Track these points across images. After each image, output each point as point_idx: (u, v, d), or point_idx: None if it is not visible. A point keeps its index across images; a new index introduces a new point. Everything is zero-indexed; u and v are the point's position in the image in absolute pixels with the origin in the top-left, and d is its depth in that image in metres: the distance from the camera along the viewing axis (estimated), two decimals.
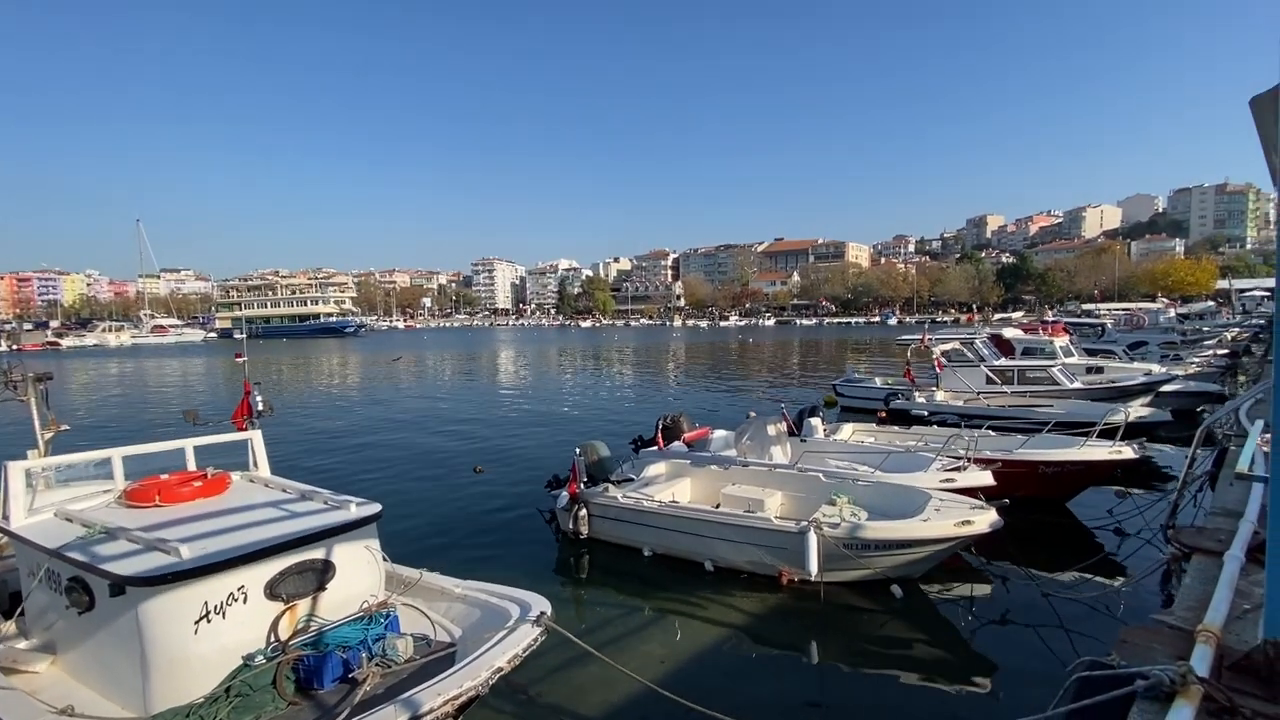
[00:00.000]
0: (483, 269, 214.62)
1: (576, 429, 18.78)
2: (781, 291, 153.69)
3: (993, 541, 7.66)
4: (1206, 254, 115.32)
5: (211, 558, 4.11)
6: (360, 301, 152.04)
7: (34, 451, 6.21)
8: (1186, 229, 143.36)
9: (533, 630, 4.43)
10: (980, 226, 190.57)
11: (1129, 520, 9.29)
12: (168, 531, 4.44)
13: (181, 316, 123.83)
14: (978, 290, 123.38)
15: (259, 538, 4.43)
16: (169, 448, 5.92)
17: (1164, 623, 3.30)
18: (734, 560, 8.10)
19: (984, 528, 7.27)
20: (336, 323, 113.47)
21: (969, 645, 6.65)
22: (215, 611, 4.18)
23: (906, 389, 17.79)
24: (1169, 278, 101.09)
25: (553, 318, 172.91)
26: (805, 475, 9.46)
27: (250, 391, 6.33)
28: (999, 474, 9.23)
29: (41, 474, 5.69)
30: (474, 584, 5.44)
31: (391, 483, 13.19)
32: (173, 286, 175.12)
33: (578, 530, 8.95)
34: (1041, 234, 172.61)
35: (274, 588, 4.47)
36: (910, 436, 12.59)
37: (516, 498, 11.66)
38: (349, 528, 4.85)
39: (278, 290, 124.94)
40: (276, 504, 5.22)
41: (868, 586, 7.62)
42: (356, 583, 5.00)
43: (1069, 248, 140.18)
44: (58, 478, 5.97)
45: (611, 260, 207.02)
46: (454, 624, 5.15)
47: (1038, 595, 7.43)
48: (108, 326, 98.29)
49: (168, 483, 5.27)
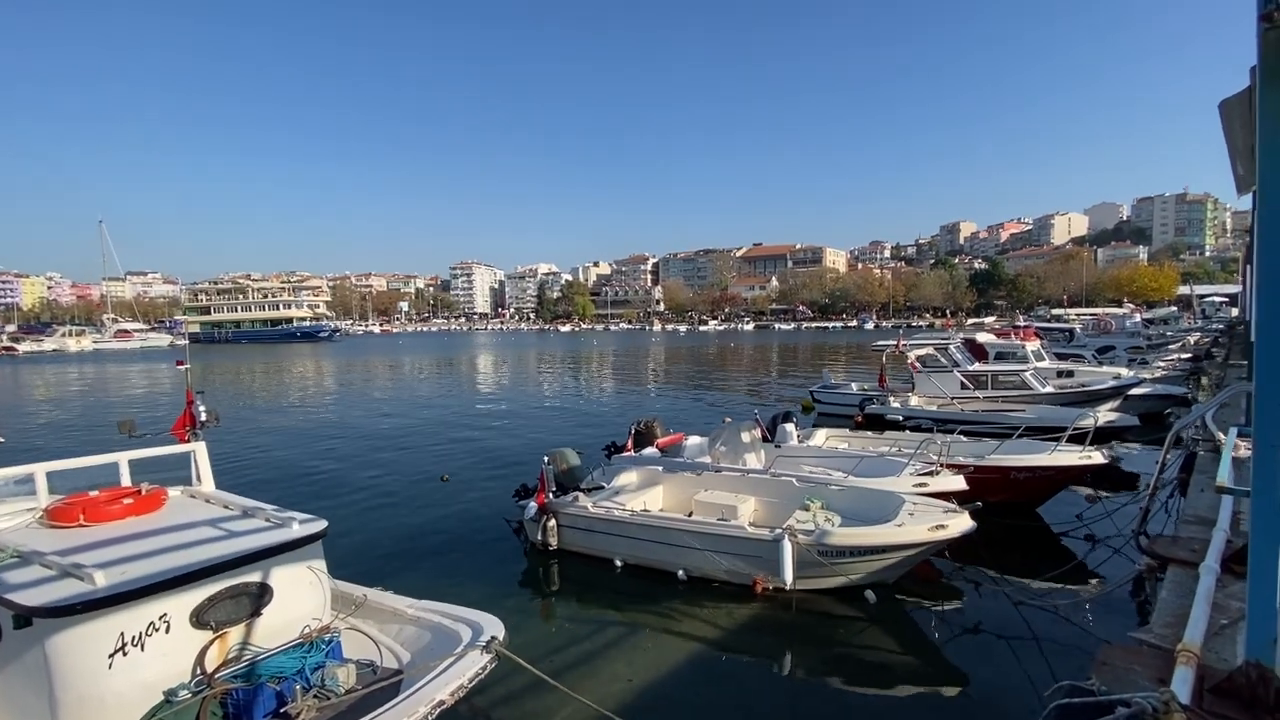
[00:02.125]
0: (461, 273, 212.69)
1: (550, 435, 18.48)
2: (760, 296, 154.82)
3: (965, 546, 7.60)
4: (1168, 260, 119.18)
5: (129, 584, 3.76)
6: (335, 305, 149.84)
7: None
8: (1149, 236, 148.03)
9: (481, 658, 4.16)
10: (954, 233, 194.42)
11: (1099, 525, 9.32)
12: (87, 555, 4.08)
13: (147, 321, 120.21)
14: (951, 295, 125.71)
15: (187, 561, 4.09)
16: (100, 462, 5.50)
17: (1143, 641, 3.18)
18: (707, 569, 7.90)
19: (957, 532, 7.25)
20: (310, 327, 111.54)
21: (942, 655, 6.55)
22: (133, 643, 3.84)
23: (881, 394, 17.83)
24: (1133, 283, 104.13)
25: (532, 322, 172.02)
26: (779, 481, 9.32)
27: (193, 400, 5.94)
28: (971, 479, 9.20)
29: None
30: (427, 604, 5.12)
31: (353, 493, 12.71)
32: (139, 290, 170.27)
33: (546, 541, 8.66)
34: (1012, 240, 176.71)
35: (201, 615, 4.14)
36: (884, 441, 12.54)
37: (484, 507, 11.28)
38: (289, 547, 4.52)
39: (249, 294, 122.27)
40: (214, 522, 4.85)
41: (841, 593, 7.49)
42: (296, 606, 4.66)
43: (1038, 254, 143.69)
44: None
45: (591, 264, 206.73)
46: (404, 648, 4.83)
47: (1007, 602, 7.36)
48: (68, 331, 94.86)
49: (95, 500, 4.87)
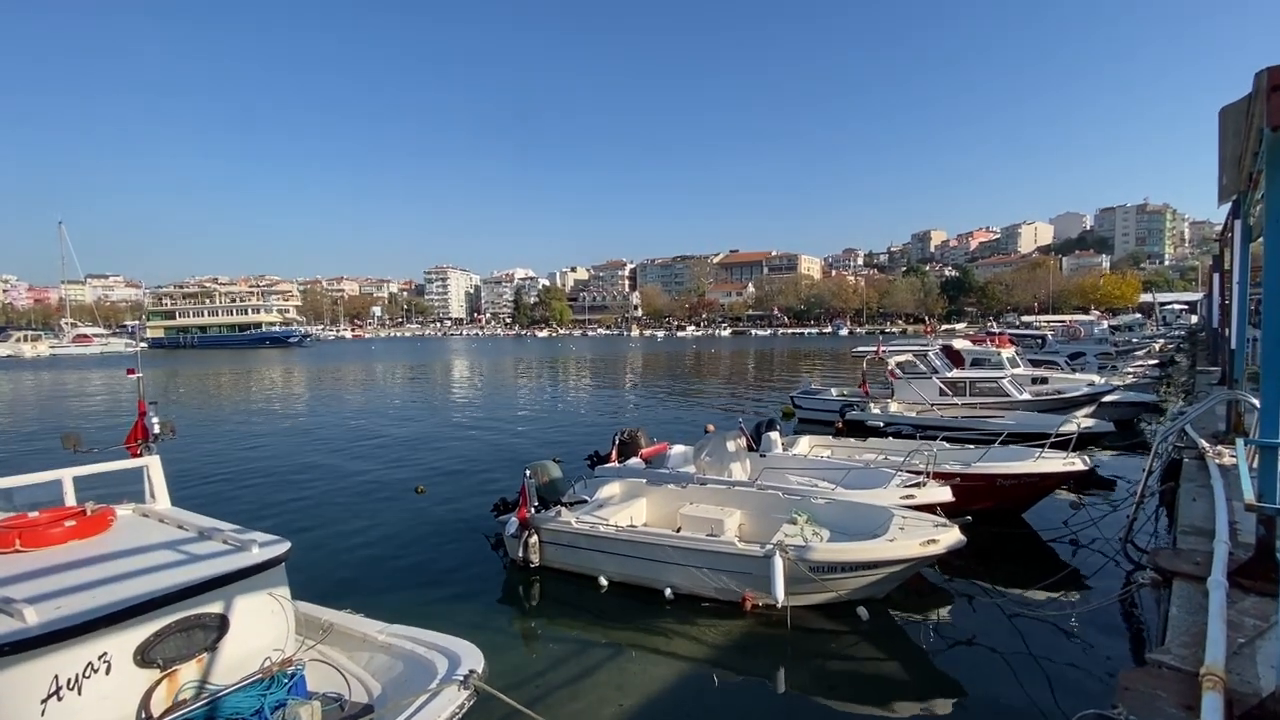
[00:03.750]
0: (436, 277, 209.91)
1: (529, 445, 18.09)
2: (737, 302, 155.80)
3: (954, 557, 7.52)
4: (1130, 269, 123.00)
5: (63, 622, 3.38)
6: (306, 310, 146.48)
7: None
8: (1111, 245, 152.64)
9: (459, 694, 3.85)
10: (925, 241, 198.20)
11: (1084, 531, 9.34)
12: (19, 587, 3.67)
13: (109, 325, 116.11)
14: (923, 302, 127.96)
15: (131, 592, 3.69)
16: (42, 480, 5.04)
17: (1163, 664, 3.04)
18: (695, 587, 7.67)
19: (947, 547, 7.14)
20: (279, 332, 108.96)
21: (938, 670, 6.40)
22: (69, 686, 3.46)
23: (862, 400, 17.85)
24: (1097, 291, 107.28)
25: (509, 328, 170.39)
26: (765, 493, 9.16)
27: (145, 412, 5.52)
28: (958, 488, 9.17)
29: None
30: (400, 629, 4.76)
31: (322, 506, 12.20)
32: (100, 293, 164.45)
33: (528, 558, 8.33)
34: (981, 249, 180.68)
35: (147, 652, 3.76)
36: (868, 450, 12.50)
37: (462, 522, 10.89)
38: (248, 573, 4.15)
39: (216, 298, 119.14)
40: (166, 545, 4.44)
41: (832, 609, 7.34)
42: (256, 638, 4.28)
43: (1006, 262, 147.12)
44: None
45: (568, 270, 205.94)
46: (374, 679, 4.47)
47: (1001, 614, 7.29)
48: (23, 336, 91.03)
49: (34, 523, 4.44)
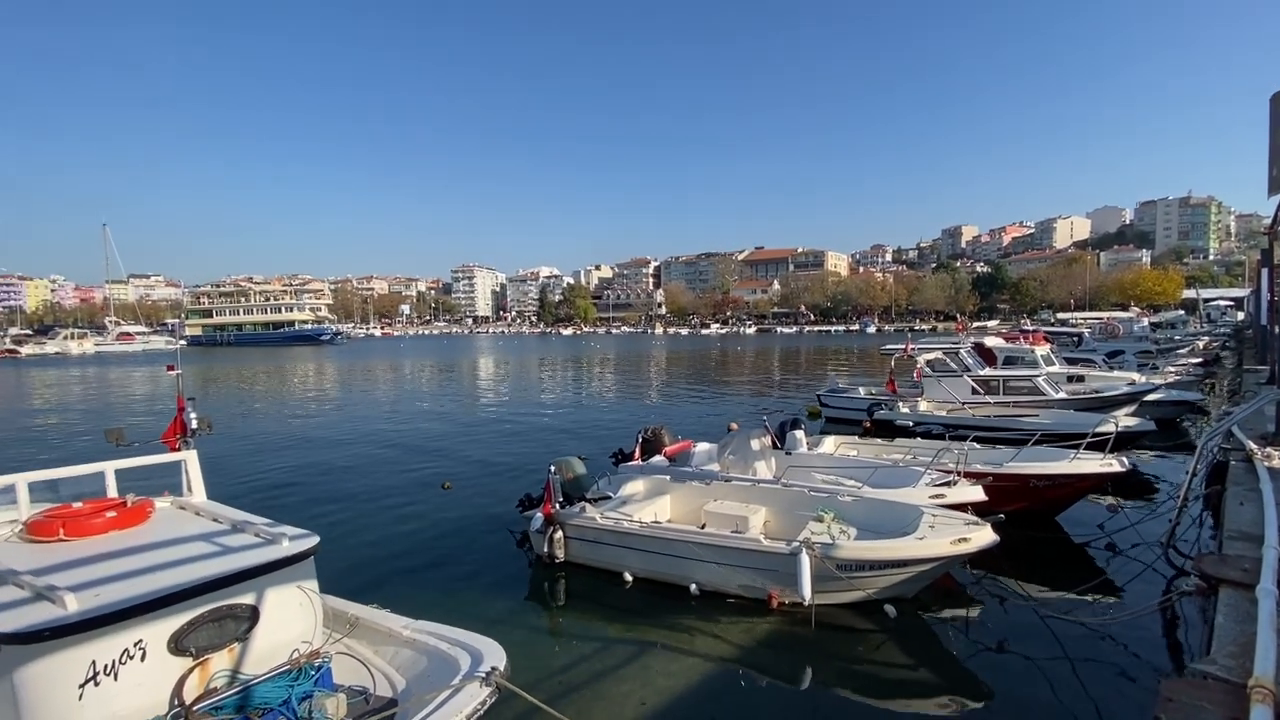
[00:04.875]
0: (463, 276, 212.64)
1: (554, 441, 18.21)
2: (762, 300, 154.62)
3: (986, 557, 7.36)
4: (1172, 264, 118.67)
5: (101, 610, 3.49)
6: (337, 309, 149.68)
7: None
8: (1152, 240, 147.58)
9: (480, 691, 3.87)
10: (955, 236, 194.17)
11: (1122, 535, 9.06)
12: (63, 575, 3.80)
13: (150, 323, 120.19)
14: (954, 299, 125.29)
15: (166, 582, 3.80)
16: (85, 471, 5.23)
17: (1208, 674, 2.93)
18: (720, 583, 7.66)
19: (979, 546, 6.98)
20: (311, 330, 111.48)
21: (969, 672, 6.27)
22: (105, 672, 3.56)
23: (890, 399, 17.54)
24: (1137, 287, 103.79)
25: (533, 325, 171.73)
26: (790, 491, 9.07)
27: (184, 407, 5.70)
28: (989, 488, 8.95)
29: None
30: (424, 625, 4.84)
31: (351, 501, 12.43)
32: (141, 293, 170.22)
33: (553, 554, 8.40)
34: (1014, 244, 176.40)
35: (180, 641, 3.86)
36: (896, 449, 12.29)
37: (487, 518, 11.01)
38: (277, 566, 4.24)
39: (251, 297, 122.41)
40: (202, 537, 4.58)
41: (860, 608, 7.25)
42: (285, 629, 4.37)
43: (1041, 258, 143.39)
44: None
45: (593, 268, 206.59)
46: (399, 673, 4.55)
47: (1034, 617, 7.11)
48: (70, 334, 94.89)
49: (77, 513, 4.59)
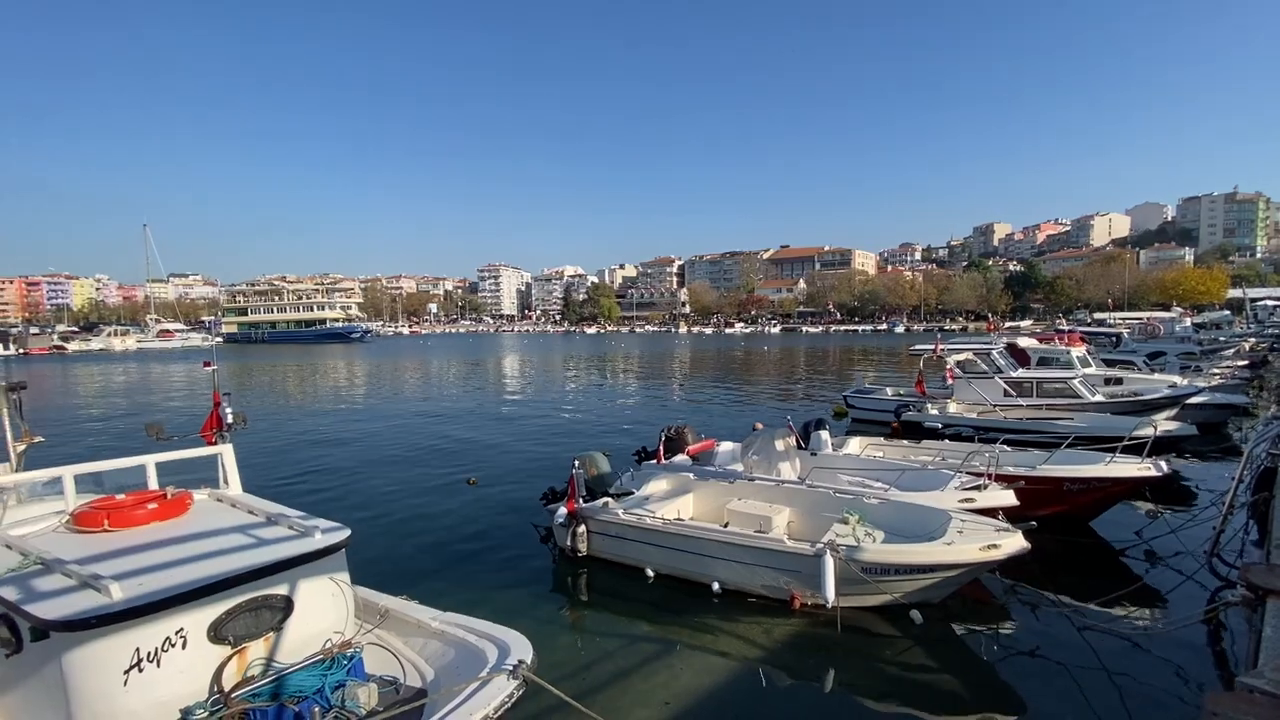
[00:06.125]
0: (489, 275, 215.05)
1: (577, 439, 18.30)
2: (787, 299, 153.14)
3: (1016, 564, 7.16)
4: (1216, 263, 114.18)
5: (146, 598, 3.59)
6: (366, 307, 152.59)
7: (5, 465, 5.87)
8: (1196, 237, 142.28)
9: (507, 684, 3.91)
10: (987, 234, 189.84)
11: (1161, 542, 8.77)
12: (107, 564, 3.94)
13: (188, 321, 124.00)
14: (985, 298, 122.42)
15: (206, 573, 3.91)
16: (127, 464, 5.41)
17: (1255, 688, 2.81)
18: (743, 583, 7.61)
19: (1010, 552, 6.79)
20: (342, 328, 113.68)
21: (998, 680, 6.13)
22: (148, 659, 3.67)
23: (919, 401, 17.21)
24: (1180, 286, 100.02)
25: (558, 324, 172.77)
26: (815, 491, 8.96)
27: (220, 403, 5.87)
28: (1021, 492, 8.71)
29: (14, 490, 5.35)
30: (452, 617, 4.92)
31: (378, 495, 12.68)
32: (180, 291, 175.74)
33: (576, 548, 8.46)
34: (1049, 242, 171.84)
35: (219, 629, 3.96)
36: (924, 451, 12.07)
37: (511, 512, 11.14)
38: (311, 558, 4.33)
39: (284, 295, 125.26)
40: (238, 529, 4.71)
41: (886, 611, 7.13)
42: (318, 619, 4.47)
43: (1077, 256, 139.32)
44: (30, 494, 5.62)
45: (617, 267, 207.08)
46: (428, 664, 4.63)
47: (1068, 626, 6.91)
48: (113, 331, 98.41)
49: (120, 504, 4.76)
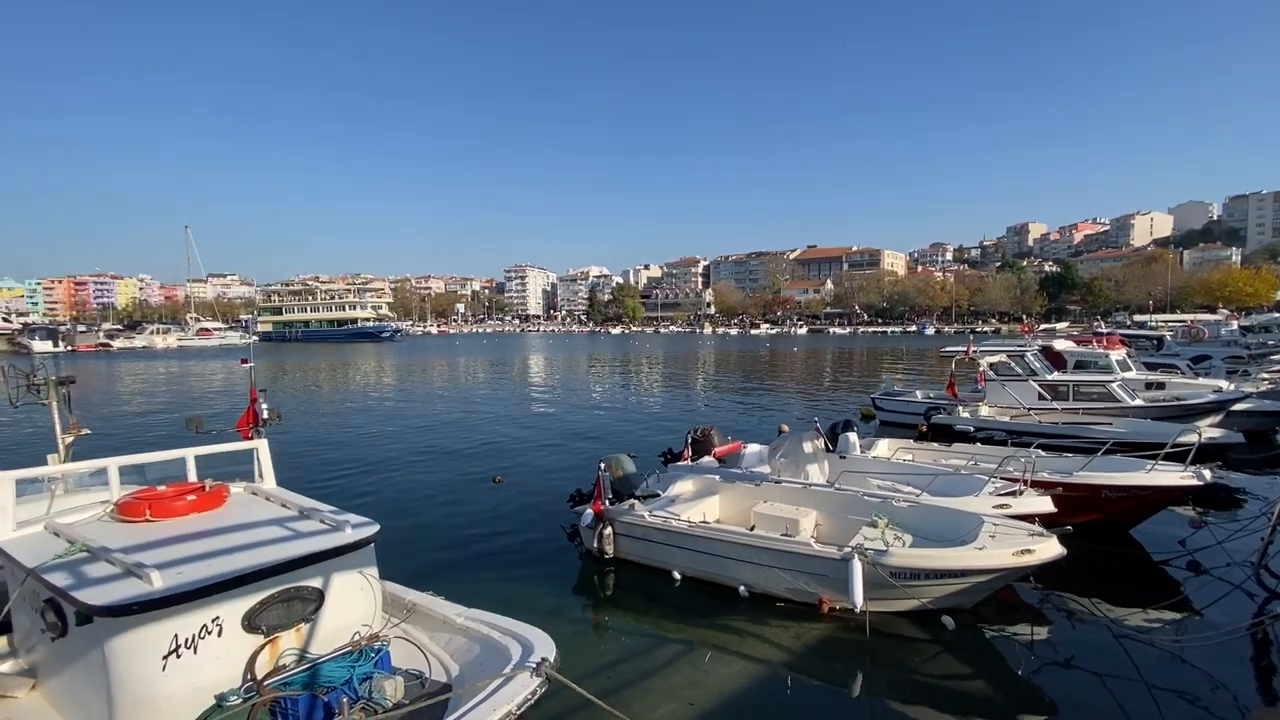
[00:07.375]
0: (515, 276, 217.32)
1: (603, 439, 18.38)
2: (814, 300, 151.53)
3: (1052, 572, 7.02)
4: (1265, 263, 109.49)
5: (184, 586, 3.72)
6: (396, 307, 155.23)
7: (54, 456, 6.14)
8: (1243, 237, 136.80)
9: (530, 681, 3.95)
10: (1022, 234, 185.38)
11: (1205, 553, 8.48)
12: (149, 553, 4.10)
13: (225, 320, 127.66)
14: (1019, 300, 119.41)
15: (242, 564, 4.04)
16: (168, 457, 5.61)
17: None
18: (770, 586, 7.58)
19: (1044, 558, 6.65)
20: (373, 327, 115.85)
21: (1031, 688, 5.99)
22: (186, 645, 3.80)
23: (949, 403, 16.89)
24: (1226, 288, 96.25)
25: (583, 324, 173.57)
26: (843, 495, 8.88)
27: (256, 399, 6.06)
28: (1057, 499, 8.51)
29: (62, 479, 5.58)
30: (477, 613, 4.99)
31: (406, 492, 12.90)
32: (218, 291, 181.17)
33: (602, 549, 8.51)
34: (1086, 242, 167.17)
35: (253, 619, 4.08)
36: (956, 455, 11.85)
37: (538, 512, 11.24)
38: (342, 551, 4.44)
39: (317, 295, 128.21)
40: (273, 521, 4.85)
41: (916, 617, 7.03)
42: (347, 612, 4.58)
43: (1116, 256, 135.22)
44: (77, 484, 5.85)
45: (642, 267, 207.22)
46: (453, 659, 4.70)
47: (1106, 636, 6.74)
48: (156, 329, 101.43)
49: (162, 495, 4.94)
